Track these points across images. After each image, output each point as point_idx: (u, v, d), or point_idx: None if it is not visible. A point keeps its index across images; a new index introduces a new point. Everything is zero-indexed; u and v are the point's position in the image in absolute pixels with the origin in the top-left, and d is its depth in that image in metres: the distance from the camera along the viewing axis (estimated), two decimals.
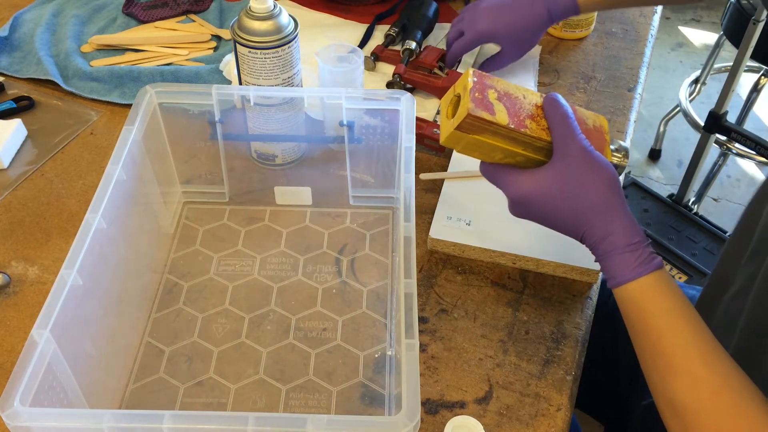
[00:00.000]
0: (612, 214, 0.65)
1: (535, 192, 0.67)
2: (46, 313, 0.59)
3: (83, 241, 0.65)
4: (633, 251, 0.64)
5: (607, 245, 0.65)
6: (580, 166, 0.65)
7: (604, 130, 0.71)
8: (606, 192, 0.65)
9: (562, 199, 0.66)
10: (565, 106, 0.67)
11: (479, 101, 0.67)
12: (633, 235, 0.64)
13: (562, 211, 0.66)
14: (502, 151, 0.68)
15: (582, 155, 0.65)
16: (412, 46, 1.07)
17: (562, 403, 0.72)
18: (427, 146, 0.95)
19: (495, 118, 0.66)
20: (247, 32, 0.82)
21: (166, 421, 0.54)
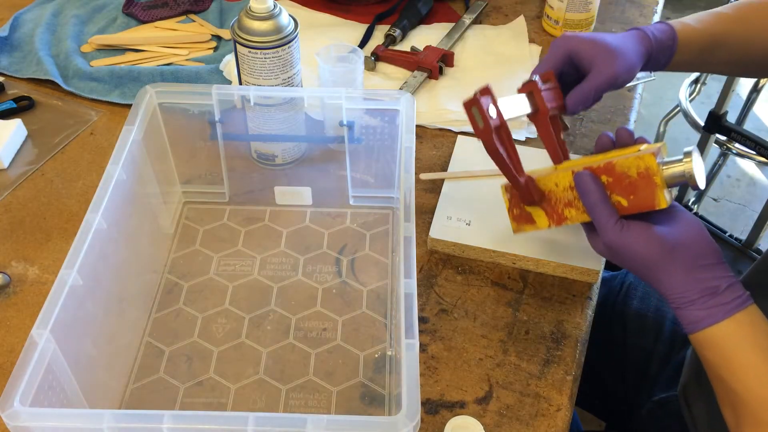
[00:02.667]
0: (661, 278, 0.65)
1: (599, 253, 0.70)
2: (46, 313, 0.59)
3: (83, 241, 0.65)
4: (687, 308, 0.64)
5: (671, 302, 0.66)
6: (618, 252, 0.67)
7: (651, 172, 0.66)
8: (648, 262, 0.65)
9: (620, 262, 0.68)
10: (593, 185, 0.67)
11: (518, 217, 0.75)
12: (685, 292, 0.64)
13: (630, 269, 0.68)
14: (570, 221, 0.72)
15: (616, 243, 0.66)
16: (395, 33, 1.12)
17: (562, 403, 0.72)
18: None
19: (536, 225, 0.73)
20: (247, 32, 0.82)
21: (166, 421, 0.53)
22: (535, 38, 1.16)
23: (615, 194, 0.68)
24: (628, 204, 0.67)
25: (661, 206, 0.66)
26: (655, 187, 0.66)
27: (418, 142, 0.97)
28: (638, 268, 0.67)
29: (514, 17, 1.19)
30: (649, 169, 0.65)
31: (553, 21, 1.15)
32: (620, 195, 0.67)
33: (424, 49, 1.08)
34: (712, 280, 0.64)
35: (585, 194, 0.68)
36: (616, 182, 0.67)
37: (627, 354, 0.95)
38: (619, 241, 0.66)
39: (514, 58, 1.11)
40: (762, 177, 2.30)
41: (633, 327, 0.96)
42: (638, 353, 0.94)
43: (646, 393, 0.91)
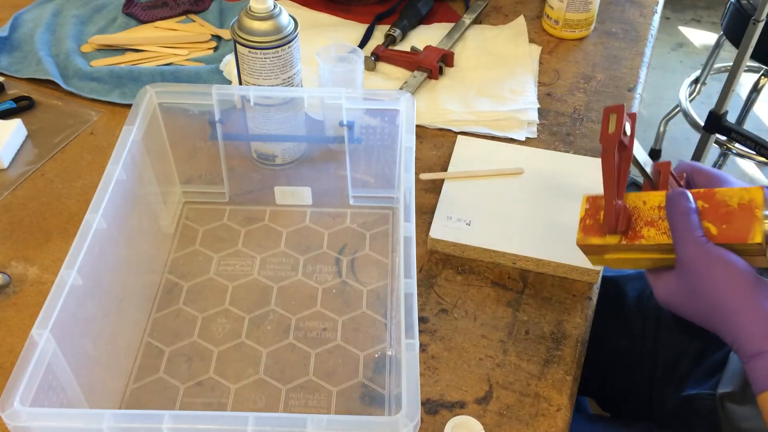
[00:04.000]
0: (736, 317, 0.60)
1: (666, 299, 0.66)
2: (46, 313, 0.59)
3: (83, 241, 0.65)
4: (761, 359, 0.58)
5: (737, 350, 0.61)
6: (695, 269, 0.62)
7: (754, 204, 0.63)
8: (726, 293, 0.60)
9: (688, 304, 0.64)
10: (685, 202, 0.64)
11: (589, 228, 0.70)
12: (763, 342, 0.58)
13: (696, 317, 0.64)
14: (637, 261, 0.69)
15: (695, 257, 0.62)
16: (395, 33, 1.12)
17: (562, 403, 0.72)
18: None
19: (605, 239, 0.69)
20: (247, 32, 0.82)
21: (166, 421, 0.53)
22: (535, 38, 1.16)
23: (706, 221, 0.64)
24: (717, 232, 0.63)
25: (755, 240, 0.62)
26: (755, 220, 0.62)
27: (418, 142, 0.97)
28: (713, 300, 0.61)
29: (514, 17, 1.19)
30: (753, 201, 0.63)
31: (553, 21, 1.15)
32: (712, 222, 0.64)
33: (424, 49, 1.08)
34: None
35: (675, 207, 0.64)
36: (712, 209, 0.64)
37: (659, 348, 0.95)
38: (700, 257, 0.61)
39: (514, 58, 1.11)
40: (762, 177, 2.30)
41: (667, 323, 0.95)
42: (670, 348, 0.94)
43: (674, 388, 0.91)
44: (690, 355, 0.92)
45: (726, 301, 0.60)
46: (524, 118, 1.01)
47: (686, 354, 0.93)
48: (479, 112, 1.01)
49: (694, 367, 0.91)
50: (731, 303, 0.60)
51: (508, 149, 0.95)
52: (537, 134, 0.99)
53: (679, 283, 0.64)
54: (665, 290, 0.66)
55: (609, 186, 0.68)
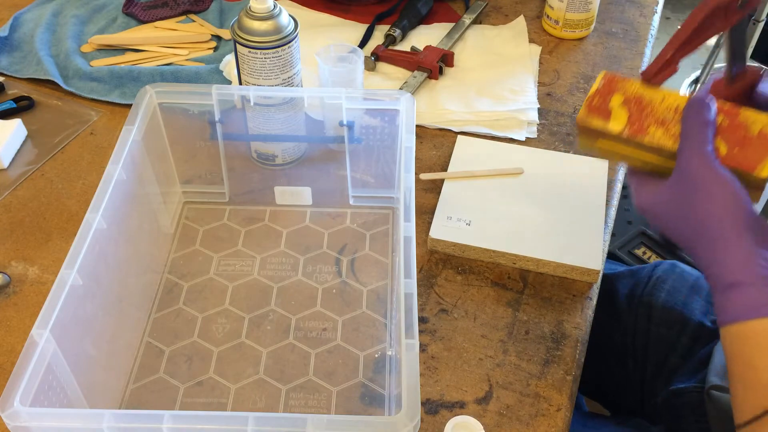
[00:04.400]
0: (721, 243, 0.58)
1: (649, 206, 0.63)
2: (46, 313, 0.59)
3: (83, 241, 0.65)
4: (744, 289, 0.56)
5: (711, 277, 0.59)
6: (694, 183, 0.59)
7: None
8: (719, 217, 0.58)
9: (673, 217, 0.61)
10: (706, 113, 0.60)
11: (595, 108, 0.66)
12: (741, 272, 0.57)
13: (676, 232, 0.62)
14: (626, 158, 0.66)
15: (699, 171, 0.59)
16: (395, 33, 1.12)
17: (562, 403, 0.72)
18: None
19: (607, 125, 0.65)
20: (247, 32, 0.82)
21: (165, 421, 0.53)
22: (535, 38, 1.16)
23: (720, 137, 0.61)
24: (726, 153, 0.60)
25: (761, 175, 0.59)
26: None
27: (418, 142, 0.97)
28: (703, 219, 0.58)
29: (514, 17, 1.19)
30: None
31: (553, 21, 1.15)
32: (725, 141, 0.61)
33: (424, 49, 1.08)
34: (752, 260, 0.57)
35: (693, 115, 0.60)
36: (731, 128, 0.61)
37: (649, 343, 0.96)
38: (704, 172, 0.58)
39: (514, 58, 1.11)
40: None
41: (658, 318, 0.96)
42: (661, 344, 0.94)
43: (663, 382, 0.92)
44: (679, 351, 0.93)
45: (715, 225, 0.58)
46: (524, 118, 1.01)
47: (675, 349, 0.93)
48: (479, 112, 1.01)
49: (682, 362, 0.92)
50: (720, 227, 0.58)
51: (508, 149, 0.95)
52: (537, 134, 0.99)
53: (671, 193, 0.61)
54: (651, 198, 0.63)
55: (680, 35, 0.63)
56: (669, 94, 0.65)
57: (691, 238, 0.60)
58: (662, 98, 0.65)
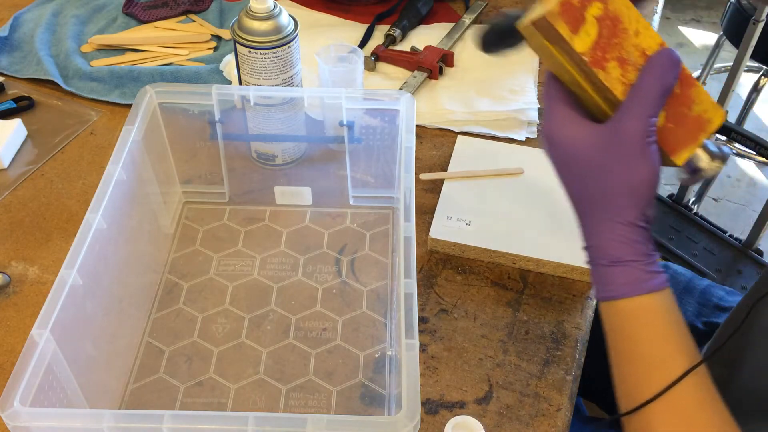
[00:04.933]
0: (618, 216, 0.56)
1: (565, 140, 0.57)
2: (46, 313, 0.59)
3: (83, 241, 0.65)
4: (619, 267, 0.56)
5: (591, 250, 0.58)
6: (619, 150, 0.55)
7: (707, 128, 0.57)
8: (622, 193, 0.55)
9: (581, 169, 0.57)
10: (670, 77, 0.55)
11: (570, 9, 0.54)
12: (624, 249, 0.56)
13: (574, 184, 0.58)
14: (569, 77, 0.57)
15: (632, 140, 0.54)
16: (395, 33, 1.12)
17: (562, 403, 0.72)
18: None
19: (571, 37, 0.54)
20: (247, 32, 0.82)
21: (165, 421, 0.53)
22: None
23: (666, 107, 0.57)
24: (661, 125, 0.56)
25: (677, 162, 0.57)
26: (692, 141, 0.57)
27: (418, 142, 0.97)
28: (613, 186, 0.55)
29: None
30: (708, 123, 0.57)
31: None
32: (666, 110, 0.56)
33: (424, 49, 1.08)
34: (649, 243, 0.57)
35: (655, 73, 0.55)
36: (677, 99, 0.57)
37: None
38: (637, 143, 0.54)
39: (514, 58, 1.11)
40: (762, 177, 2.30)
41: None
42: None
43: None
44: None
45: (616, 200, 0.55)
46: (524, 118, 1.00)
47: None
48: (479, 112, 1.01)
49: None
50: (618, 206, 0.55)
51: (508, 149, 0.95)
52: (537, 134, 0.99)
53: (594, 143, 0.56)
54: (572, 132, 0.57)
55: None
56: (645, 28, 0.56)
57: (586, 199, 0.58)
58: (636, 30, 0.56)
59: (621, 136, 0.55)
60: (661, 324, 0.56)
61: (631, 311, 0.57)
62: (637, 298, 0.56)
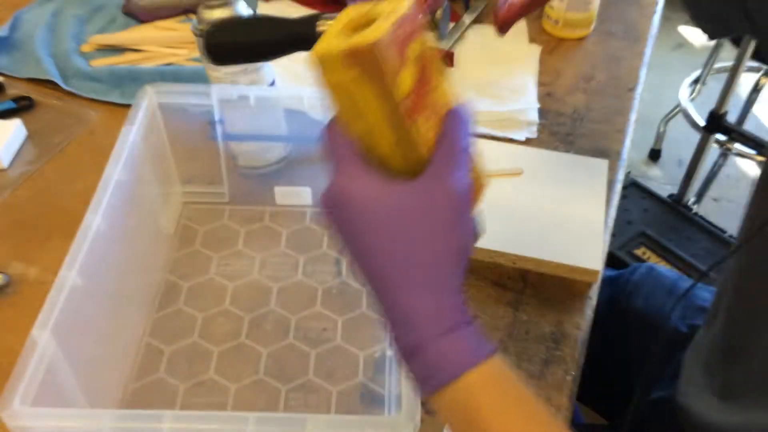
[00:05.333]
0: (434, 289, 0.47)
1: (365, 205, 0.46)
2: (46, 314, 0.59)
3: (83, 242, 0.65)
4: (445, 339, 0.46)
5: (412, 331, 0.47)
6: (443, 209, 0.47)
7: (481, 193, 0.53)
8: (446, 256, 0.47)
9: (385, 239, 0.46)
10: (466, 137, 0.50)
11: (397, 42, 0.44)
12: (454, 319, 0.47)
13: (377, 254, 0.47)
14: (366, 126, 0.47)
15: (456, 196, 0.47)
16: None
17: (562, 403, 0.72)
18: None
19: (394, 78, 0.44)
20: (206, 24, 0.81)
21: (166, 421, 0.53)
22: (535, 38, 1.16)
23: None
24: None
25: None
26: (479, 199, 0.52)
27: None
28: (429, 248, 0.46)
29: None
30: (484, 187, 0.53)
31: (553, 21, 1.15)
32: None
33: None
34: (462, 304, 0.48)
35: (462, 130, 0.49)
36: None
37: (628, 352, 0.95)
38: (459, 197, 0.47)
39: (514, 58, 1.11)
40: None
41: (635, 326, 0.96)
42: (639, 352, 0.94)
43: (643, 392, 0.92)
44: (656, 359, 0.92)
45: (448, 263, 0.47)
46: (524, 118, 1.00)
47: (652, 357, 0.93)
48: (479, 112, 1.01)
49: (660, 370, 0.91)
50: (452, 268, 0.47)
51: (508, 149, 0.95)
52: (537, 134, 0.99)
53: (411, 202, 0.47)
54: (376, 192, 0.46)
55: None
56: (446, 78, 0.49)
57: (399, 269, 0.47)
58: (439, 80, 0.49)
59: (447, 196, 0.47)
60: (513, 389, 0.48)
61: (478, 383, 0.47)
62: (482, 366, 0.47)
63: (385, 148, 0.48)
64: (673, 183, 2.22)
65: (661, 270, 1.03)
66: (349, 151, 0.48)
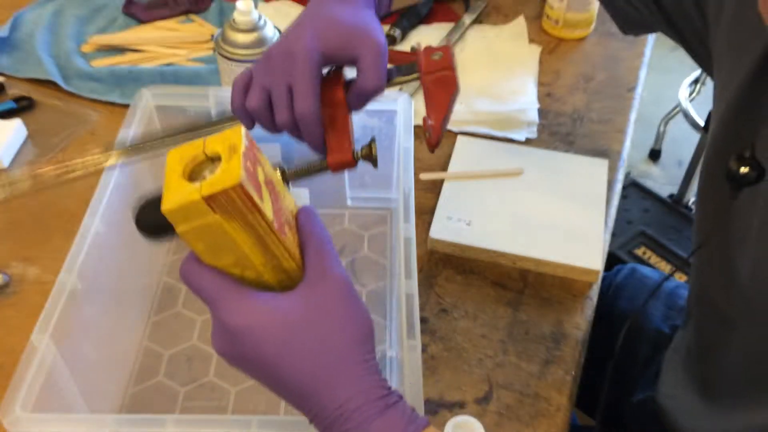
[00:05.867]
0: (355, 376, 0.47)
1: (269, 321, 0.47)
2: (46, 318, 0.59)
3: (82, 245, 0.65)
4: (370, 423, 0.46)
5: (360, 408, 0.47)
6: (339, 302, 0.49)
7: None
8: (356, 341, 0.48)
9: (298, 347, 0.47)
10: (321, 226, 0.53)
11: (251, 176, 0.46)
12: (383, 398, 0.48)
13: (292, 366, 0.47)
14: (234, 257, 0.48)
15: (343, 286, 0.50)
16: (395, 33, 1.12)
17: (561, 403, 0.72)
18: None
19: (260, 204, 0.46)
20: (231, 45, 0.82)
21: (168, 425, 0.53)
22: (535, 38, 1.16)
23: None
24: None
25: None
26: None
27: (418, 142, 0.97)
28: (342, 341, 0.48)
29: (514, 17, 1.19)
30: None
31: (553, 21, 1.15)
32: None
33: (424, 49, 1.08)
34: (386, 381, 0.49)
35: (317, 227, 0.52)
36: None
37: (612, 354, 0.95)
38: (344, 289, 0.50)
39: (514, 58, 1.11)
40: None
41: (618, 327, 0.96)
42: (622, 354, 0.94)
43: (628, 393, 0.92)
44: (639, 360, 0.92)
45: (360, 346, 0.49)
46: (524, 118, 1.00)
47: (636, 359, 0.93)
48: (479, 112, 1.01)
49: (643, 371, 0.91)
50: (366, 348, 0.49)
51: (508, 149, 0.95)
52: (537, 134, 0.99)
53: (296, 307, 0.48)
54: (261, 312, 0.47)
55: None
56: (284, 189, 0.53)
57: (315, 372, 0.47)
58: (283, 194, 0.52)
59: (337, 288, 0.49)
60: None
61: None
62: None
63: (257, 269, 0.49)
64: (673, 183, 2.22)
65: (645, 271, 1.03)
66: (224, 282, 0.48)
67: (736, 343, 0.67)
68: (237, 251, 0.47)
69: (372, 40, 0.63)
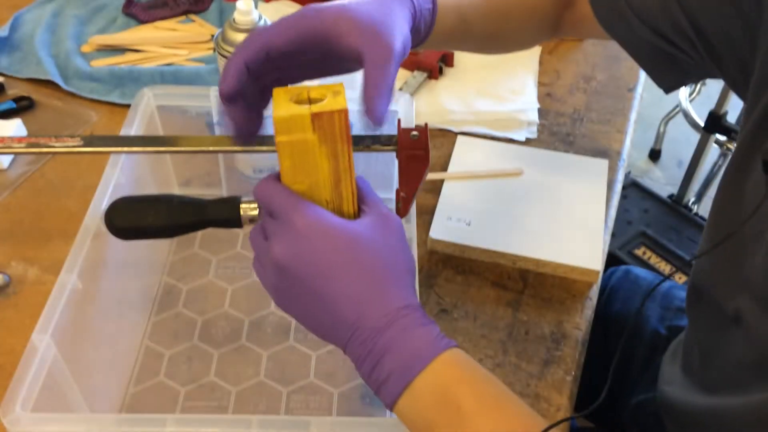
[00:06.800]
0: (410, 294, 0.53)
1: (340, 232, 0.52)
2: (46, 318, 0.59)
3: (82, 245, 0.65)
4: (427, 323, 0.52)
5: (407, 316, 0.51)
6: (392, 237, 0.54)
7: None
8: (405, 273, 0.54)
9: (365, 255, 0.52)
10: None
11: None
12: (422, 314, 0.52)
13: (358, 266, 0.51)
14: (315, 183, 0.54)
15: (397, 226, 0.56)
16: None
17: (561, 403, 0.72)
18: None
19: (346, 145, 0.54)
20: (231, 44, 0.81)
21: (169, 425, 0.53)
22: None
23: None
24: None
25: None
26: None
27: None
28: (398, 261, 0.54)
29: None
30: None
31: None
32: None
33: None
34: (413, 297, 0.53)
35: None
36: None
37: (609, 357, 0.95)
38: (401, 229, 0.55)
39: (514, 58, 1.11)
40: None
41: (614, 330, 0.96)
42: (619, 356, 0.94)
43: (626, 395, 0.92)
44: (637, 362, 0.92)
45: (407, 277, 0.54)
46: (524, 118, 1.00)
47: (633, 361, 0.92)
48: (479, 112, 1.01)
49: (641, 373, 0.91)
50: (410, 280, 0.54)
51: (508, 149, 0.95)
52: (537, 134, 0.99)
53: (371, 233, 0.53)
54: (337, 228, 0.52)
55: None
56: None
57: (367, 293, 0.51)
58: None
59: (397, 225, 0.55)
60: (481, 369, 0.53)
61: (452, 359, 0.51)
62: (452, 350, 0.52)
63: (322, 203, 0.55)
64: (673, 183, 2.22)
65: (639, 272, 1.03)
66: (300, 198, 0.53)
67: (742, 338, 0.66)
68: (314, 177, 0.53)
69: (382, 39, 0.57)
